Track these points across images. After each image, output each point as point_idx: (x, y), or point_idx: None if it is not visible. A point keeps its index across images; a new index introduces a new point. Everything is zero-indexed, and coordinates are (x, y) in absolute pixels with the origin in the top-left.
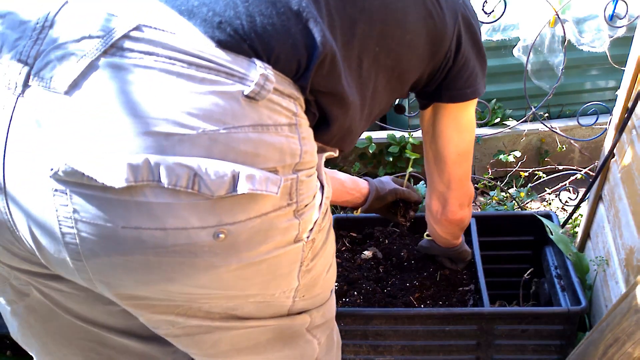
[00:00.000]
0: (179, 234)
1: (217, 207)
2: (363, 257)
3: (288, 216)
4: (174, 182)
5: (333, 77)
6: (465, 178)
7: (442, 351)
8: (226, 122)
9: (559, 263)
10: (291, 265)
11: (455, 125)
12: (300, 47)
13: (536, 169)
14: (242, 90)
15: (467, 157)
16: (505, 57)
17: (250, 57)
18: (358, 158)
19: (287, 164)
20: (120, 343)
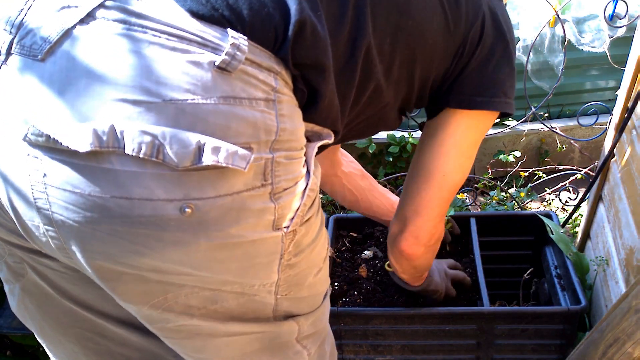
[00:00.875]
0: (145, 205)
1: (184, 180)
2: (363, 257)
3: (263, 198)
4: (137, 149)
5: (317, 48)
6: (438, 210)
7: (442, 351)
8: (195, 92)
9: (559, 263)
10: (270, 256)
11: (455, 140)
12: (276, 15)
13: (536, 169)
14: (214, 60)
15: (451, 184)
16: None
17: (224, 27)
18: (358, 158)
19: (262, 141)
20: (118, 335)
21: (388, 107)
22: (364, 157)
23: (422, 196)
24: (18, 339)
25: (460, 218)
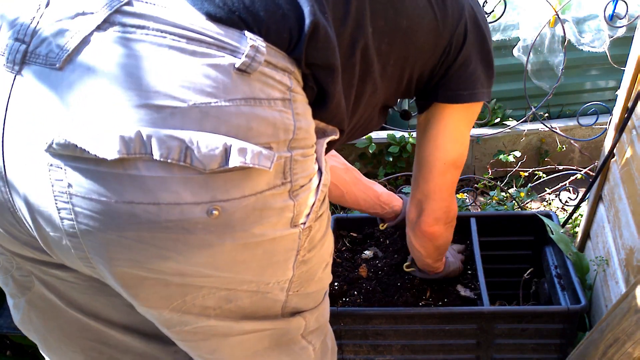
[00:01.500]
0: (172, 209)
1: (211, 182)
2: (363, 257)
3: (283, 196)
4: (165, 154)
5: (327, 49)
6: (447, 191)
7: (442, 350)
8: (217, 95)
9: (559, 263)
10: (287, 253)
11: (448, 131)
12: (290, 17)
13: (536, 169)
14: (234, 62)
15: (454, 168)
16: (505, 57)
17: (241, 30)
18: (358, 158)
19: (280, 140)
20: (122, 342)
21: (378, 106)
22: (364, 157)
23: (429, 183)
24: (18, 339)
25: (460, 218)
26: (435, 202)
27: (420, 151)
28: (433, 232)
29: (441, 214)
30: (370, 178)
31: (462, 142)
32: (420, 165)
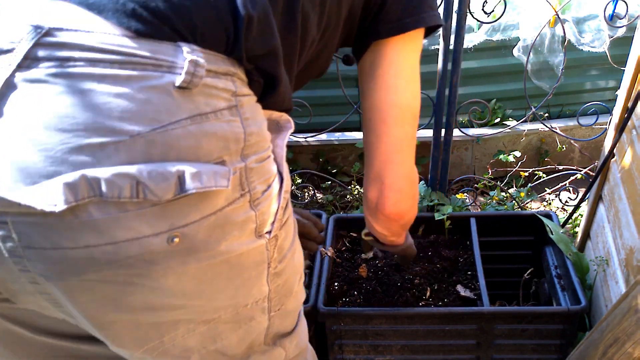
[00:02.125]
0: (131, 245)
1: (167, 211)
2: (363, 257)
3: (244, 208)
4: (116, 194)
5: (266, 34)
6: (408, 148)
7: (442, 351)
8: (161, 119)
9: (559, 263)
10: (258, 267)
11: (397, 69)
12: (224, 14)
13: (536, 169)
14: (173, 81)
15: (411, 117)
16: (505, 57)
17: (175, 42)
18: (358, 158)
19: (232, 151)
20: (92, 351)
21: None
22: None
23: (387, 141)
24: None
25: (460, 218)
26: (396, 165)
27: (368, 104)
28: (399, 211)
29: (405, 183)
30: None
31: (415, 79)
32: (372, 121)
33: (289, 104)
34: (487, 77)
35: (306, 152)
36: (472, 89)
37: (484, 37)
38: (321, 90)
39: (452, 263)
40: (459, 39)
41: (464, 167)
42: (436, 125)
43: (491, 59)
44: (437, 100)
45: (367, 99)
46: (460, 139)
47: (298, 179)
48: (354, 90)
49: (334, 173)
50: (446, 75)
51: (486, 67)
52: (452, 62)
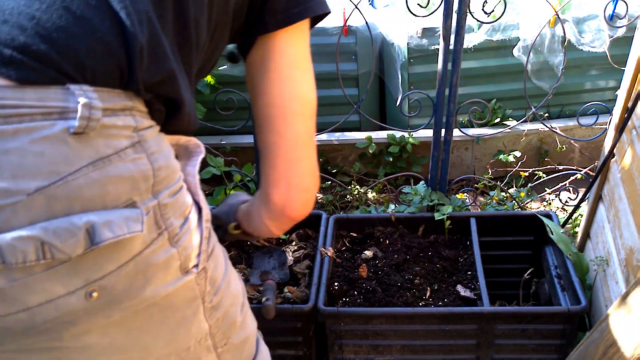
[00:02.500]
0: (46, 309)
1: (80, 265)
2: (363, 257)
3: (164, 247)
4: (21, 259)
5: (160, 58)
6: (311, 143)
7: (442, 351)
8: (59, 171)
9: (559, 263)
10: (191, 304)
11: (290, 60)
12: (114, 47)
13: (536, 169)
14: (67, 127)
15: (310, 109)
16: (505, 57)
17: (63, 84)
18: (358, 158)
19: (142, 190)
20: None
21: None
22: (364, 157)
23: (290, 137)
24: None
25: (460, 218)
26: (302, 163)
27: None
28: (306, 211)
29: (311, 180)
30: (370, 178)
31: (310, 70)
32: (269, 119)
33: (195, 124)
34: (487, 77)
35: None
36: (472, 89)
37: (484, 37)
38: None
39: (452, 263)
40: (459, 38)
41: (464, 167)
42: (436, 125)
43: (491, 59)
44: (437, 100)
45: (262, 95)
46: (460, 139)
47: None
48: (354, 90)
49: (334, 173)
50: (446, 75)
51: (486, 67)
52: (452, 62)
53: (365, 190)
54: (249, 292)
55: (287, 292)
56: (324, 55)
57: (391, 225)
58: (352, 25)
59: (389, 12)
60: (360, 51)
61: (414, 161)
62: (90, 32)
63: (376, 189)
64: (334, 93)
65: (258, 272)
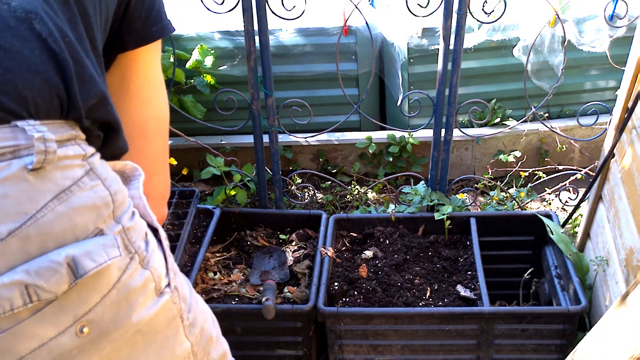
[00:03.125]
0: (40, 355)
1: (66, 303)
2: (363, 257)
3: (138, 270)
4: (8, 307)
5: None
6: (167, 158)
7: (442, 350)
8: (27, 210)
9: (559, 263)
10: (171, 325)
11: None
12: (51, 76)
13: (536, 169)
14: (24, 165)
15: (166, 126)
16: (505, 57)
17: (9, 123)
18: (358, 158)
19: (106, 217)
20: None
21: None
22: (364, 157)
23: (149, 154)
24: None
25: (460, 218)
26: (159, 177)
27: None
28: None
29: (166, 189)
30: (370, 178)
31: (164, 88)
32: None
33: (125, 145)
34: (487, 77)
35: (306, 152)
36: (472, 89)
37: (484, 37)
38: (321, 90)
39: (452, 263)
40: (459, 39)
41: (464, 167)
42: (436, 125)
43: (491, 59)
44: (437, 100)
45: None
46: (460, 139)
47: (298, 179)
48: (354, 90)
49: (334, 173)
50: (446, 75)
51: (486, 67)
52: (452, 62)
53: (365, 190)
54: (249, 292)
55: (287, 292)
56: (324, 55)
57: (391, 225)
58: (352, 25)
59: (389, 12)
60: (360, 51)
61: (414, 161)
62: (24, 64)
63: (376, 189)
64: (334, 93)
65: (258, 272)
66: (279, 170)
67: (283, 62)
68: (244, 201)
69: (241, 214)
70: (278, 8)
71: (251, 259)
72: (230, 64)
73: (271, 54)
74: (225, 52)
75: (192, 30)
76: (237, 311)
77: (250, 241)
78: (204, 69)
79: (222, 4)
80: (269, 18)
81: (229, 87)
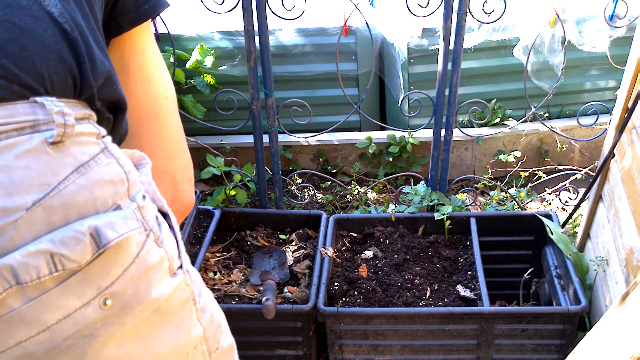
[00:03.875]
0: (65, 325)
1: (89, 274)
2: (363, 257)
3: (154, 247)
4: (35, 275)
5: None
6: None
7: (442, 350)
8: (49, 181)
9: (559, 263)
10: (185, 307)
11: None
12: (65, 55)
13: (536, 169)
14: (44, 139)
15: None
16: (505, 57)
17: (27, 98)
18: (358, 158)
19: (122, 194)
20: None
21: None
22: (364, 157)
23: (166, 134)
24: None
25: (460, 218)
26: (181, 157)
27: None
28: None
29: (191, 170)
30: (370, 178)
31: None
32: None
33: (127, 125)
34: (487, 77)
35: (306, 152)
36: (472, 89)
37: (484, 37)
38: (321, 90)
39: (452, 263)
40: (459, 39)
41: (464, 167)
42: (436, 125)
43: (491, 59)
44: (437, 100)
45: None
46: (460, 139)
47: (298, 179)
48: (354, 90)
49: (334, 173)
50: (446, 75)
51: (486, 67)
52: (452, 62)
53: (365, 190)
54: (249, 292)
55: (287, 292)
56: (324, 55)
57: (391, 225)
58: (352, 25)
59: (389, 12)
60: (360, 51)
61: (414, 161)
62: (39, 42)
63: (376, 189)
64: (334, 93)
65: (258, 272)
66: (279, 170)
67: (283, 62)
68: (244, 201)
69: (241, 214)
70: (278, 8)
71: (251, 259)
72: (230, 64)
73: (271, 54)
74: (225, 52)
75: (192, 30)
76: (237, 311)
77: (250, 241)
78: (204, 69)
79: (222, 4)
80: (269, 18)
81: (229, 87)
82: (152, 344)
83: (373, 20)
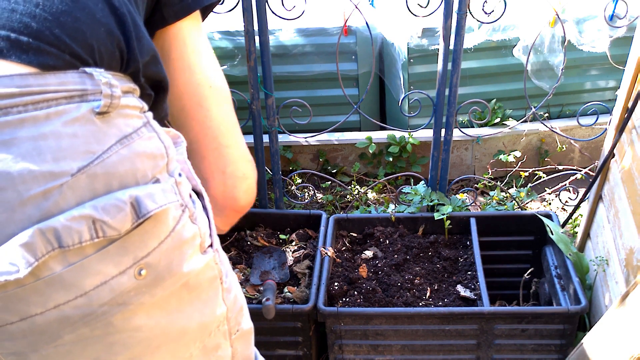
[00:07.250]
0: (101, 291)
1: (128, 244)
2: (363, 257)
3: (189, 223)
4: (77, 239)
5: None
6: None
7: (442, 350)
8: (94, 150)
9: (559, 263)
10: (212, 284)
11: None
12: (113, 29)
13: (536, 169)
14: (91, 108)
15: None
16: (505, 57)
17: (77, 68)
18: (358, 158)
19: (161, 168)
20: None
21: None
22: (364, 157)
23: (212, 125)
24: None
25: (460, 218)
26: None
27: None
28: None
29: (247, 166)
30: (370, 178)
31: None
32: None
33: (167, 108)
34: (487, 77)
35: (306, 152)
36: (472, 89)
37: (484, 37)
38: (321, 90)
39: (452, 263)
40: (459, 39)
41: (464, 167)
42: (436, 125)
43: (491, 59)
44: (437, 100)
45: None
46: (460, 139)
47: (298, 179)
48: (354, 90)
49: (334, 173)
50: (446, 75)
51: (486, 67)
52: (452, 62)
53: (365, 190)
54: (249, 292)
55: (287, 292)
56: (324, 55)
57: (391, 225)
58: (352, 25)
59: (389, 12)
60: (360, 51)
61: (414, 161)
62: (90, 14)
63: (376, 189)
64: (334, 93)
65: (258, 272)
66: (279, 170)
67: (283, 62)
68: None
69: None
70: (278, 8)
71: (251, 259)
72: (230, 64)
73: (271, 54)
74: (225, 52)
75: None
76: None
77: (250, 241)
78: None
79: (222, 4)
80: (269, 18)
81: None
82: (179, 318)
83: (373, 20)
